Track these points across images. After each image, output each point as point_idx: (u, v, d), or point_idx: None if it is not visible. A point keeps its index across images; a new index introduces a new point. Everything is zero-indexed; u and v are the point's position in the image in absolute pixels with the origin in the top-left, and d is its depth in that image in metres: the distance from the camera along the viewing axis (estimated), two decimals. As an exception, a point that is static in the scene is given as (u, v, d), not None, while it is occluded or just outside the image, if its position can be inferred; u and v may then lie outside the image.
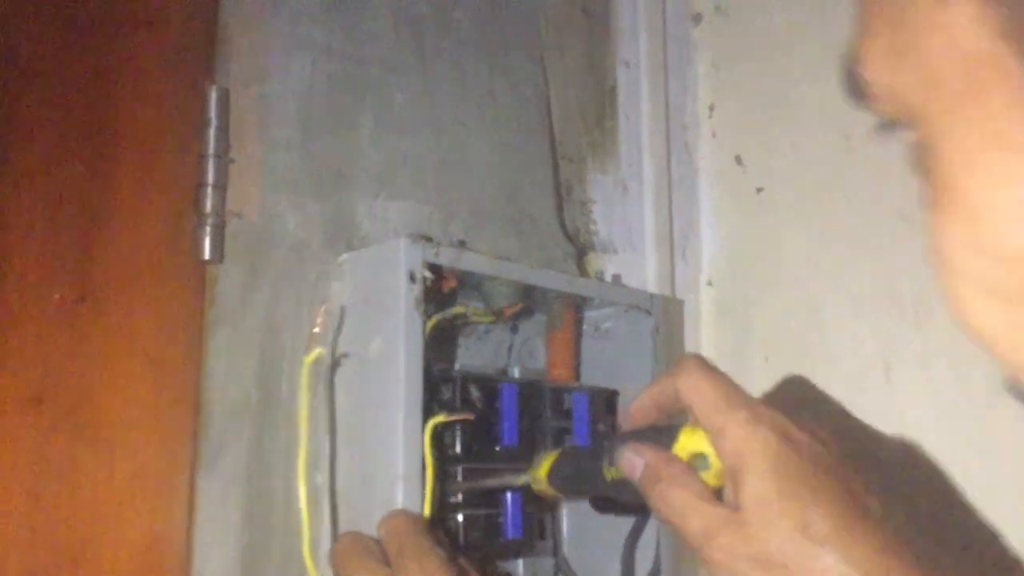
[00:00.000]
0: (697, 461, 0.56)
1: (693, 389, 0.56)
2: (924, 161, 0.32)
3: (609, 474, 0.61)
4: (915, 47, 0.31)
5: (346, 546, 0.61)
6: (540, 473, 0.67)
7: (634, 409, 0.62)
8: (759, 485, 0.51)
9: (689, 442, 0.57)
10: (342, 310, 0.68)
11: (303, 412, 0.64)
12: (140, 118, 0.62)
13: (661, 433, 0.59)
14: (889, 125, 0.33)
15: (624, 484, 0.60)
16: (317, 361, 0.65)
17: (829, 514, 0.50)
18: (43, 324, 0.56)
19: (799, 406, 0.89)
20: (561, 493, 0.68)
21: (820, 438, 0.55)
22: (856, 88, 0.33)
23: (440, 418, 0.65)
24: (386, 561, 0.59)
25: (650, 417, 0.62)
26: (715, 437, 0.55)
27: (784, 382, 0.92)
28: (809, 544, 0.49)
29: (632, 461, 0.58)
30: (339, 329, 0.67)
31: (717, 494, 0.55)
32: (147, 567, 0.57)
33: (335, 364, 0.67)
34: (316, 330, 0.67)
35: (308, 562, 0.62)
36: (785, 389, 0.91)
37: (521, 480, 0.69)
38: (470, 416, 0.68)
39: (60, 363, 0.56)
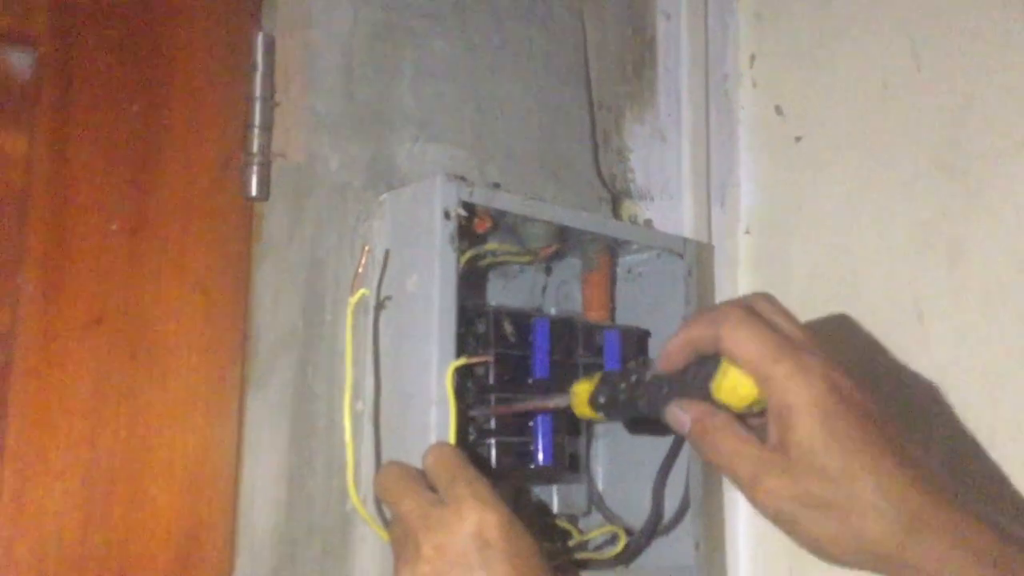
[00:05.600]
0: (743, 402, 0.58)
1: (736, 340, 0.57)
2: None
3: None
4: None
5: (392, 473, 0.63)
6: (582, 396, 0.67)
7: (671, 349, 0.62)
8: (806, 434, 0.54)
9: (730, 380, 0.58)
10: (387, 253, 0.71)
11: (348, 349, 0.67)
12: (192, 63, 0.66)
13: (701, 368, 0.60)
14: None
15: None
16: (361, 301, 0.69)
17: (870, 458, 0.53)
18: (101, 252, 0.61)
19: (835, 352, 0.91)
20: (603, 414, 0.67)
21: (863, 386, 0.57)
22: None
23: (460, 361, 0.66)
24: (431, 488, 0.61)
25: (686, 357, 0.62)
26: (761, 383, 0.56)
27: (820, 328, 0.93)
28: (850, 484, 0.53)
29: (679, 417, 0.60)
30: (384, 270, 0.70)
31: (760, 427, 0.57)
32: (199, 476, 0.62)
33: (380, 305, 0.70)
34: (360, 271, 0.70)
35: (351, 486, 0.65)
36: (821, 335, 0.92)
37: (555, 403, 0.70)
38: (489, 358, 0.70)
39: (117, 288, 0.61)
